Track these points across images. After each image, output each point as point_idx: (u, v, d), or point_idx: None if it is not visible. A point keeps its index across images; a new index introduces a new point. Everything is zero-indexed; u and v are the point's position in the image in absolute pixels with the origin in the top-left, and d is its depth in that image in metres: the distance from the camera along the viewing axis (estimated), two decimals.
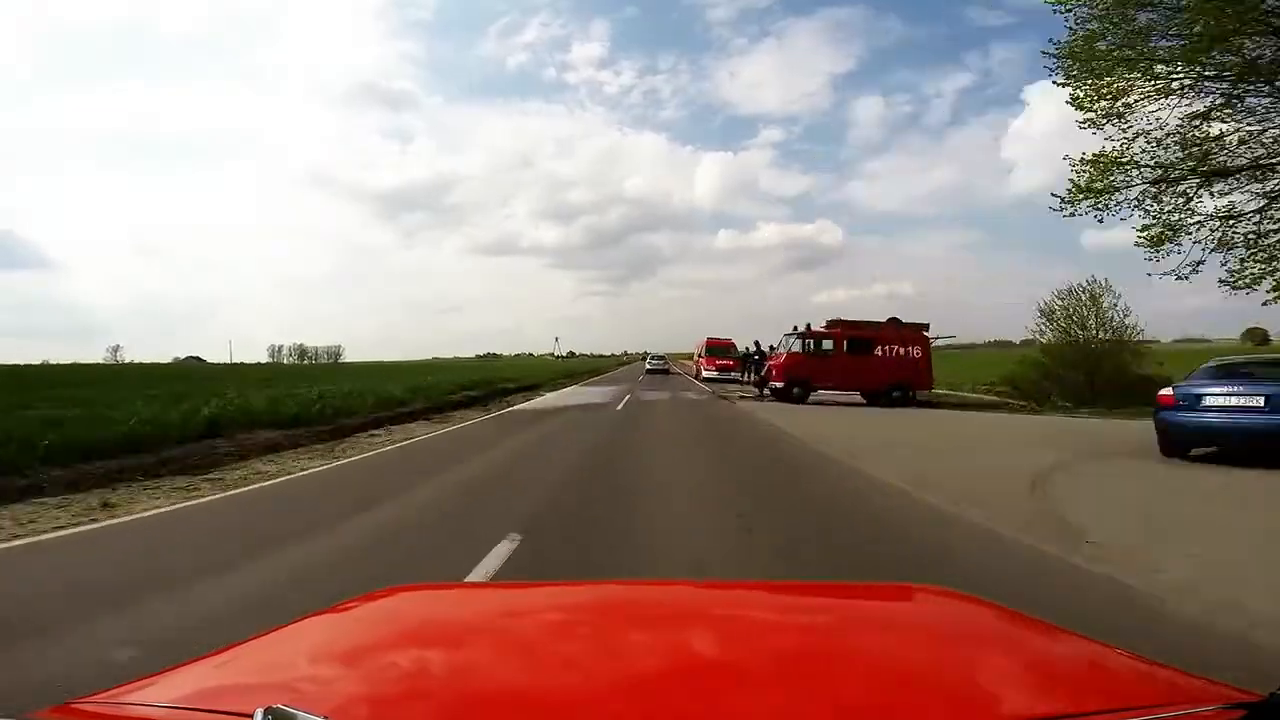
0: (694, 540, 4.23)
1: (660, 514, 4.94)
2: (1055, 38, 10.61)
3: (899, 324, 17.99)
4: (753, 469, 7.40)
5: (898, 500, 5.51)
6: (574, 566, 3.67)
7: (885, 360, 17.05)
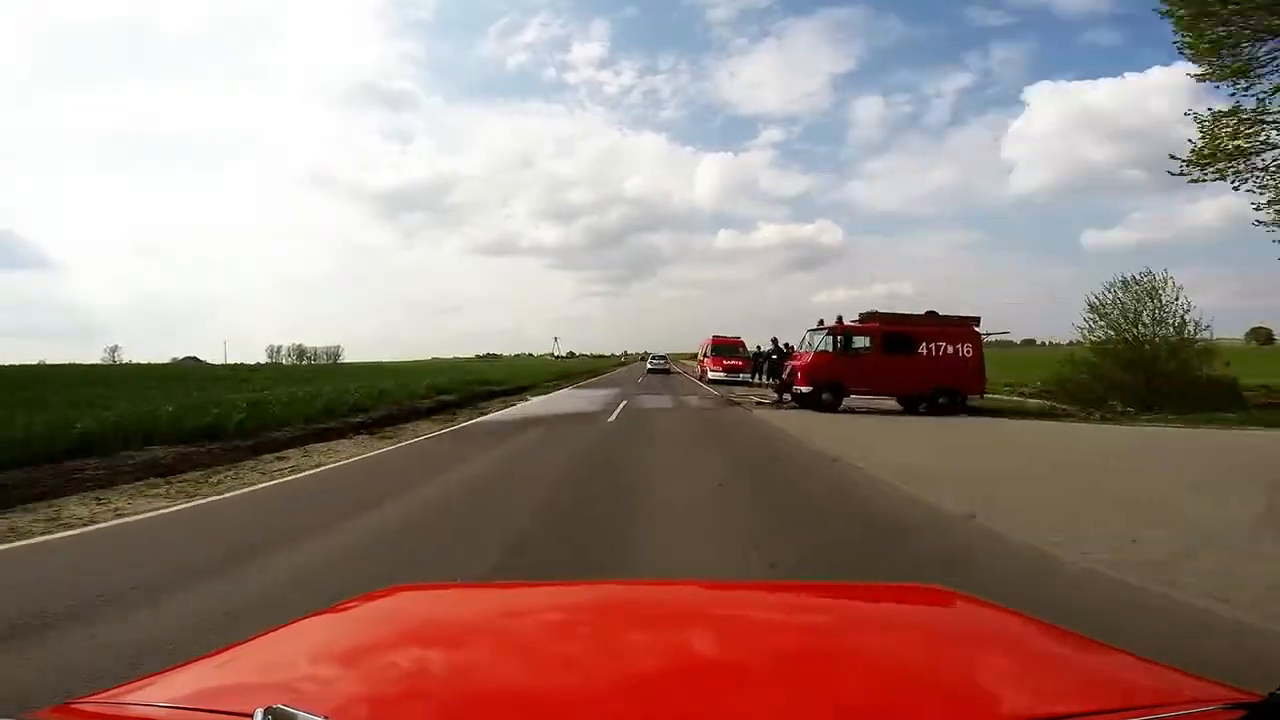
0: None
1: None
2: None
3: (945, 318, 15.16)
4: (828, 540, 4.36)
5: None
6: None
7: (930, 360, 14.35)
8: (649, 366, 42.11)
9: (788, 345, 19.62)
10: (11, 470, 5.97)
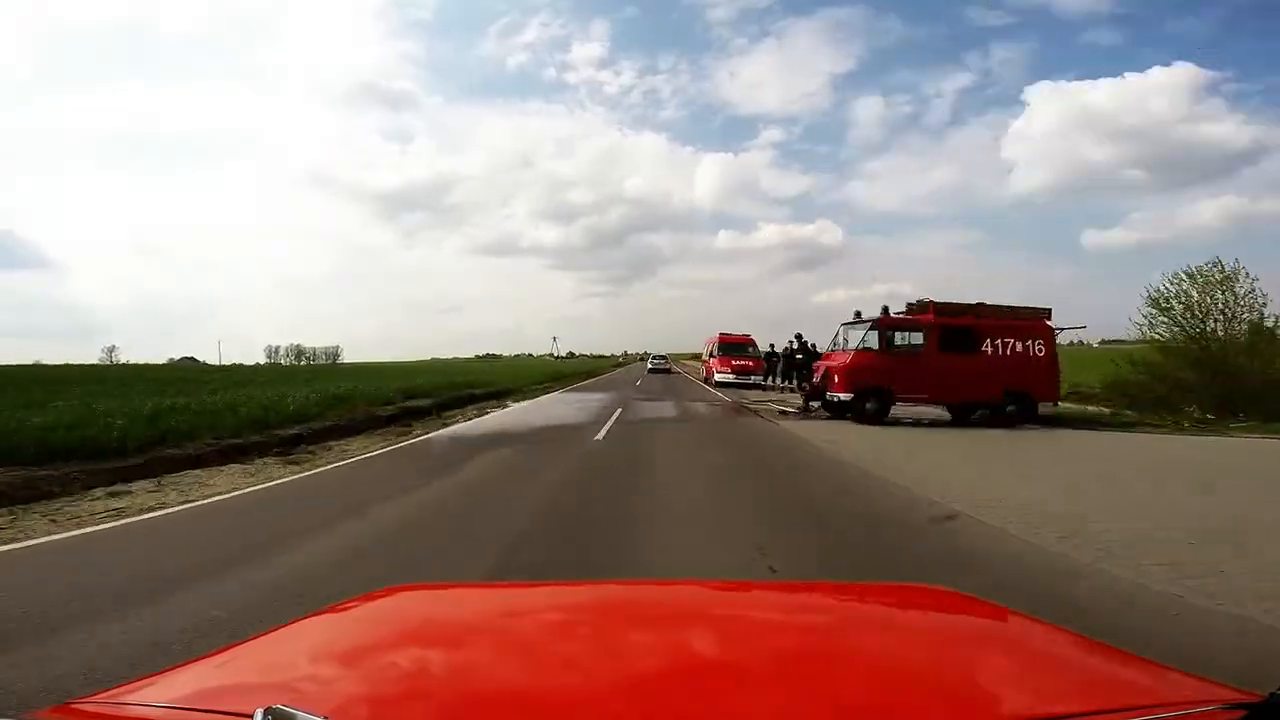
0: None
1: None
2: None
3: (1012, 309, 12.51)
4: None
5: None
6: None
7: (997, 360, 11.80)
8: (649, 366, 42.61)
9: (808, 345, 17.89)
10: None
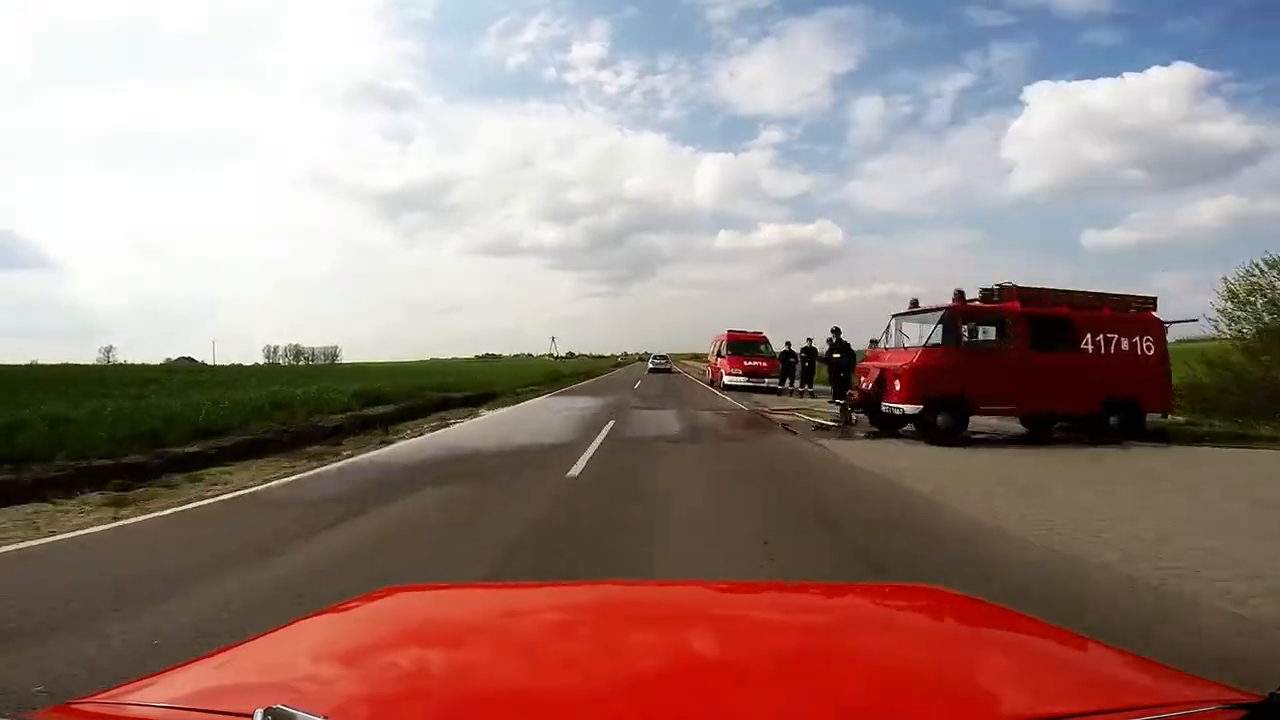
0: None
1: None
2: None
3: (1111, 298, 9.83)
4: None
5: None
6: None
7: (1099, 360, 9.20)
8: (650, 366, 43.21)
9: (829, 346, 15.18)
10: None
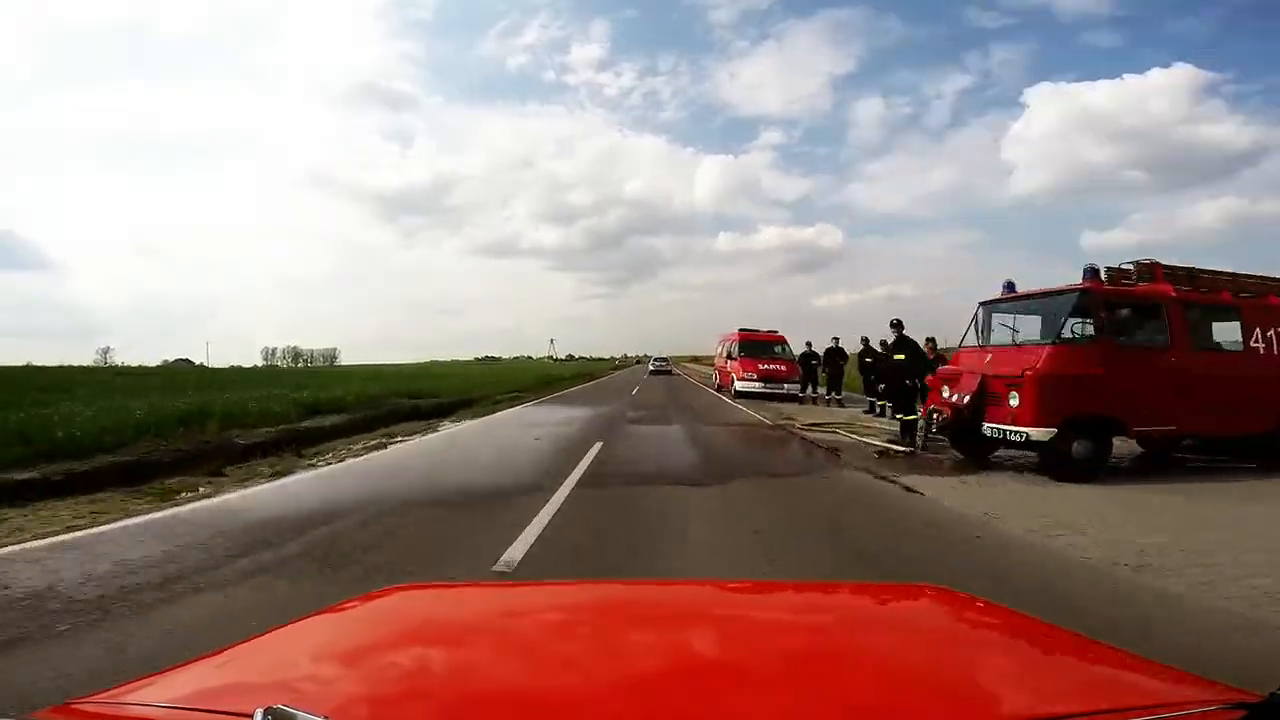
0: None
1: None
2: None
3: (1266, 283, 7.39)
4: None
5: None
6: None
7: (1273, 363, 6.98)
8: (651, 368, 43.66)
9: (910, 341, 10.23)
10: None
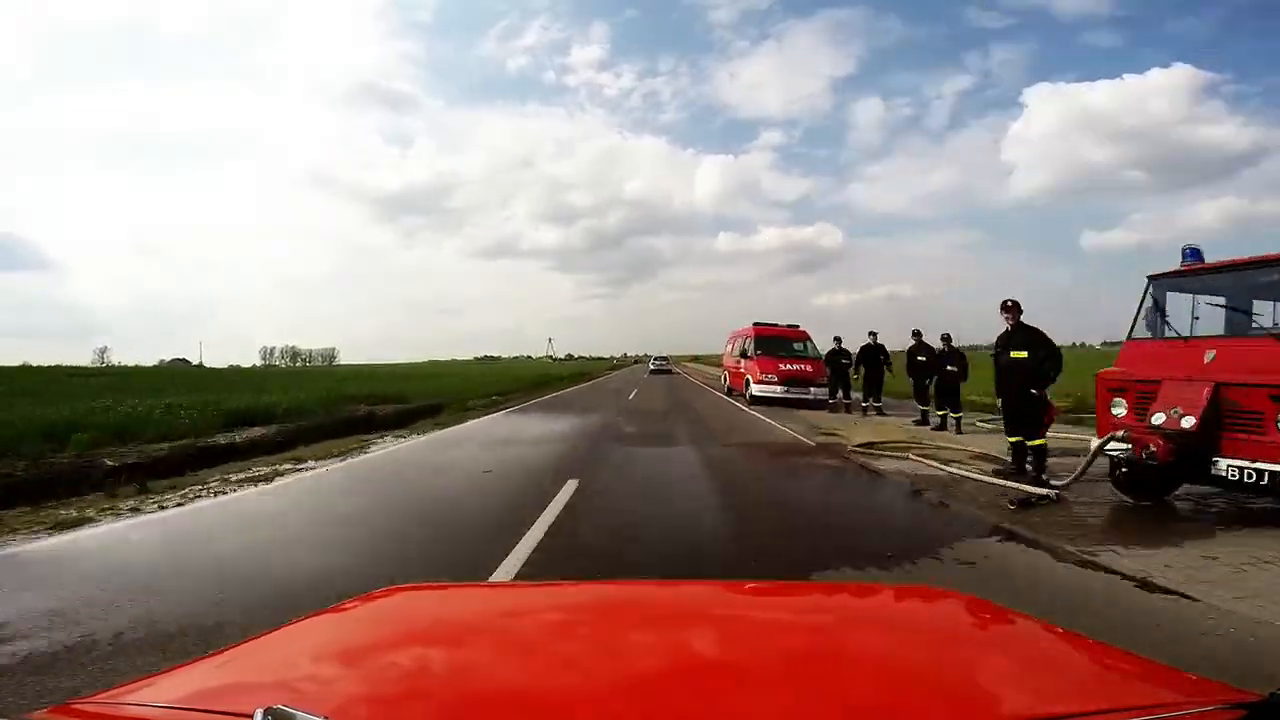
0: None
1: None
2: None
3: None
4: None
5: None
6: None
7: None
8: (651, 367, 44.13)
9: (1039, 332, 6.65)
10: None
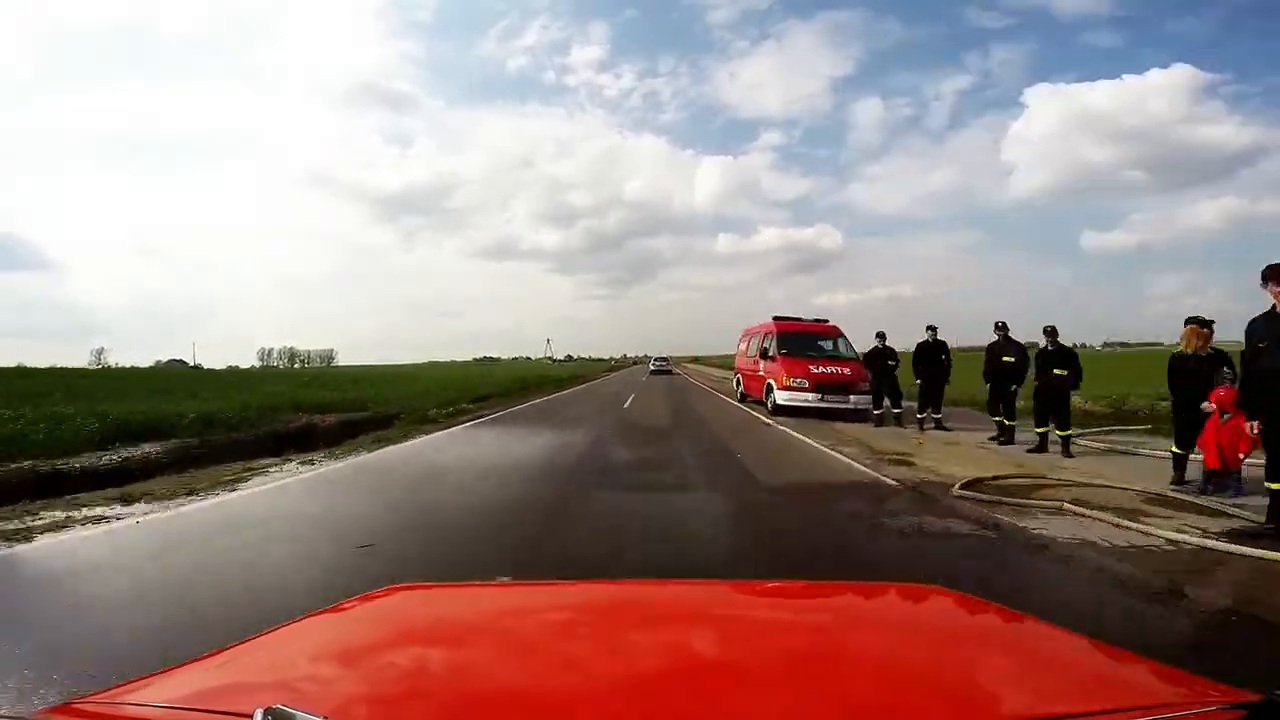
0: None
1: None
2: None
3: None
4: None
5: None
6: None
7: None
8: (651, 368, 44.11)
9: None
10: None
